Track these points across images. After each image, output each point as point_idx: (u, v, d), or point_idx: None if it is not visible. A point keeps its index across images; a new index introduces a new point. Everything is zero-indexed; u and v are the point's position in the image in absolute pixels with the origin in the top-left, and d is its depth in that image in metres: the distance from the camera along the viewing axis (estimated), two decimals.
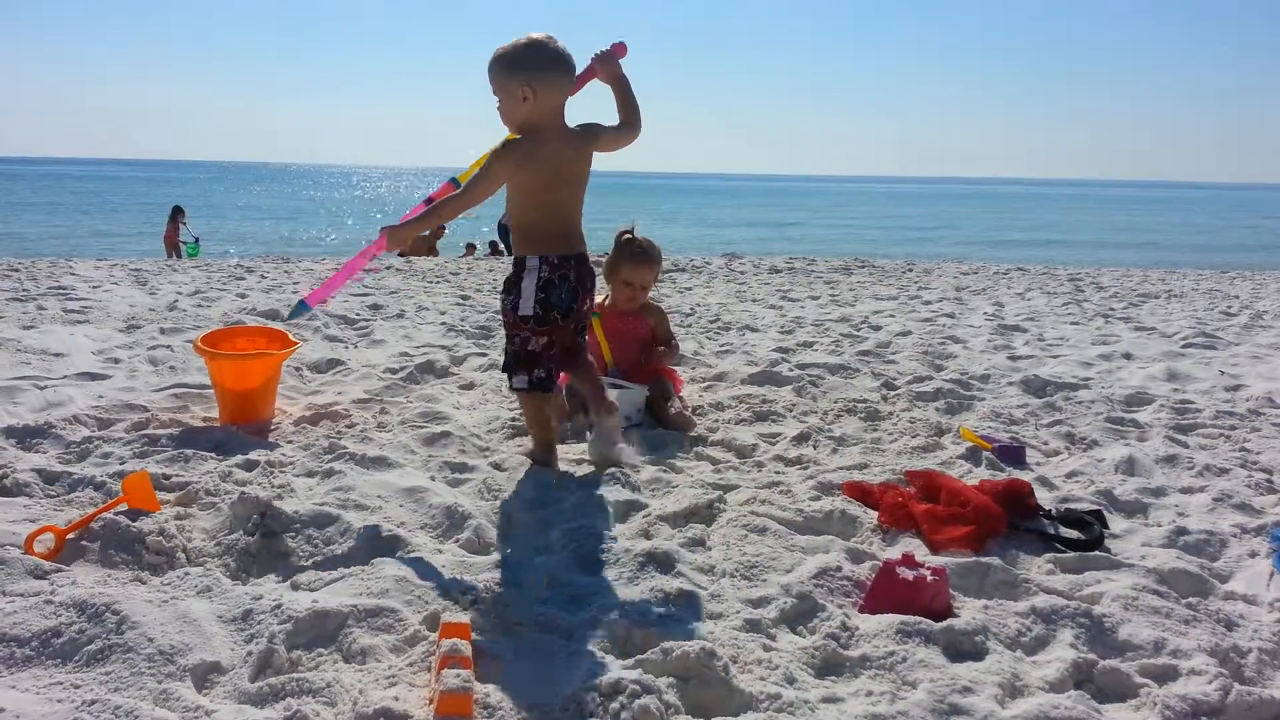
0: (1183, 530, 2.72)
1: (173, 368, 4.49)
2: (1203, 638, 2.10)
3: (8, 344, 4.77)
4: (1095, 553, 2.55)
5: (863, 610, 2.21)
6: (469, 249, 16.87)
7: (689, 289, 8.62)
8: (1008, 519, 2.66)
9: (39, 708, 1.69)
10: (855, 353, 5.37)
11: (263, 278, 8.49)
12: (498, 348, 5.30)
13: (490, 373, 4.62)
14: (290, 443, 3.37)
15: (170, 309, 6.37)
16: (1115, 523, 2.81)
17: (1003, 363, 5.21)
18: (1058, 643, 2.07)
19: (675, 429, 3.63)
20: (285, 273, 8.69)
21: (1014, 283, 9.76)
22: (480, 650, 1.94)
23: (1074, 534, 2.65)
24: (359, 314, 6.36)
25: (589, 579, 2.31)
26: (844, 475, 3.12)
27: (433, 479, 2.98)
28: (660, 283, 8.86)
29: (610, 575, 2.33)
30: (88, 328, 5.48)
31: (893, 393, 4.37)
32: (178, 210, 18.53)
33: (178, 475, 2.93)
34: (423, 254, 14.40)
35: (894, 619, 2.08)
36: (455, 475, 3.05)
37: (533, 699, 1.77)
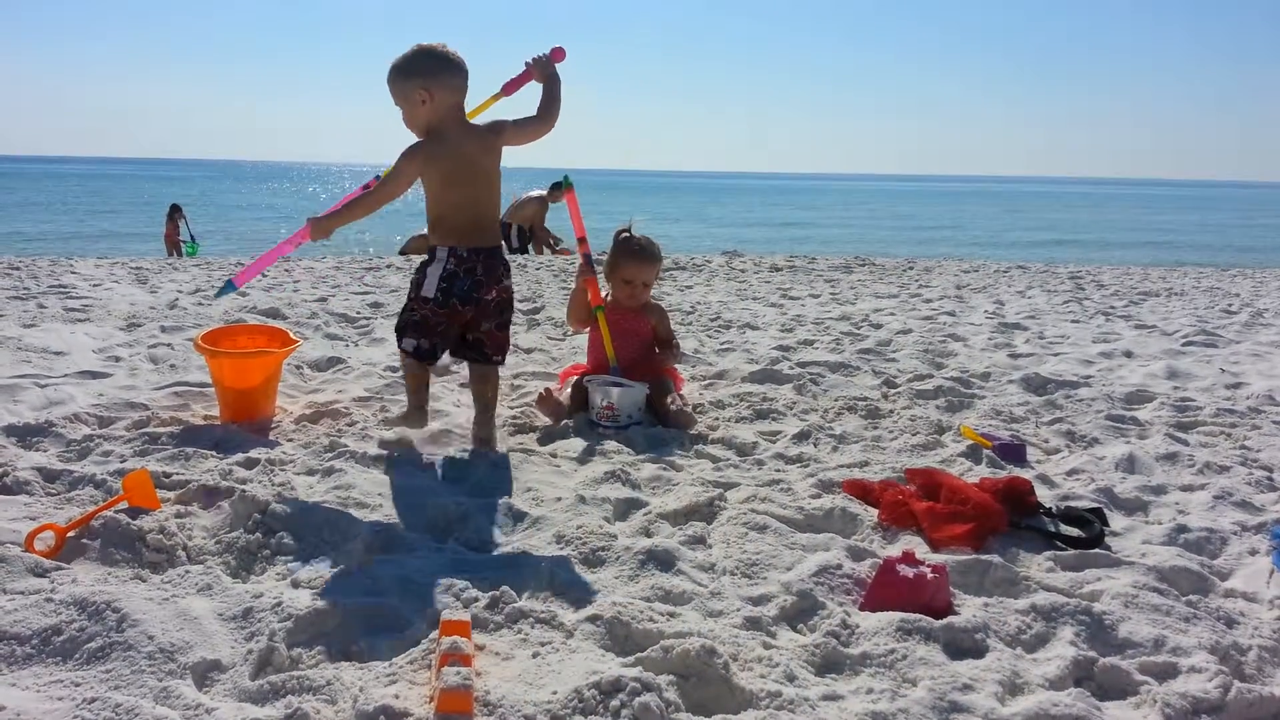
0: (1183, 528, 2.72)
1: (173, 366, 4.49)
2: (1203, 635, 2.10)
3: (8, 342, 4.78)
4: (1095, 550, 2.55)
5: (863, 608, 2.21)
6: None
7: (689, 287, 8.62)
8: (1008, 517, 2.67)
9: (39, 705, 1.69)
10: (856, 351, 5.37)
11: (263, 276, 8.48)
12: None
13: None
14: (291, 441, 3.37)
15: (171, 307, 6.37)
16: (1115, 520, 2.81)
17: (1003, 361, 5.21)
18: (1058, 640, 2.07)
19: (676, 427, 3.63)
20: (286, 271, 8.69)
21: (1015, 281, 9.76)
22: (480, 648, 1.95)
23: (1074, 532, 2.65)
24: (359, 312, 6.36)
25: (590, 576, 2.31)
26: (844, 473, 3.12)
27: (433, 477, 2.98)
28: (661, 280, 8.87)
29: (611, 573, 2.34)
30: (88, 326, 5.48)
31: (893, 391, 4.37)
32: (175, 208, 18.48)
33: (178, 473, 2.93)
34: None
35: (894, 616, 2.08)
36: (455, 473, 3.05)
37: (533, 696, 1.77)
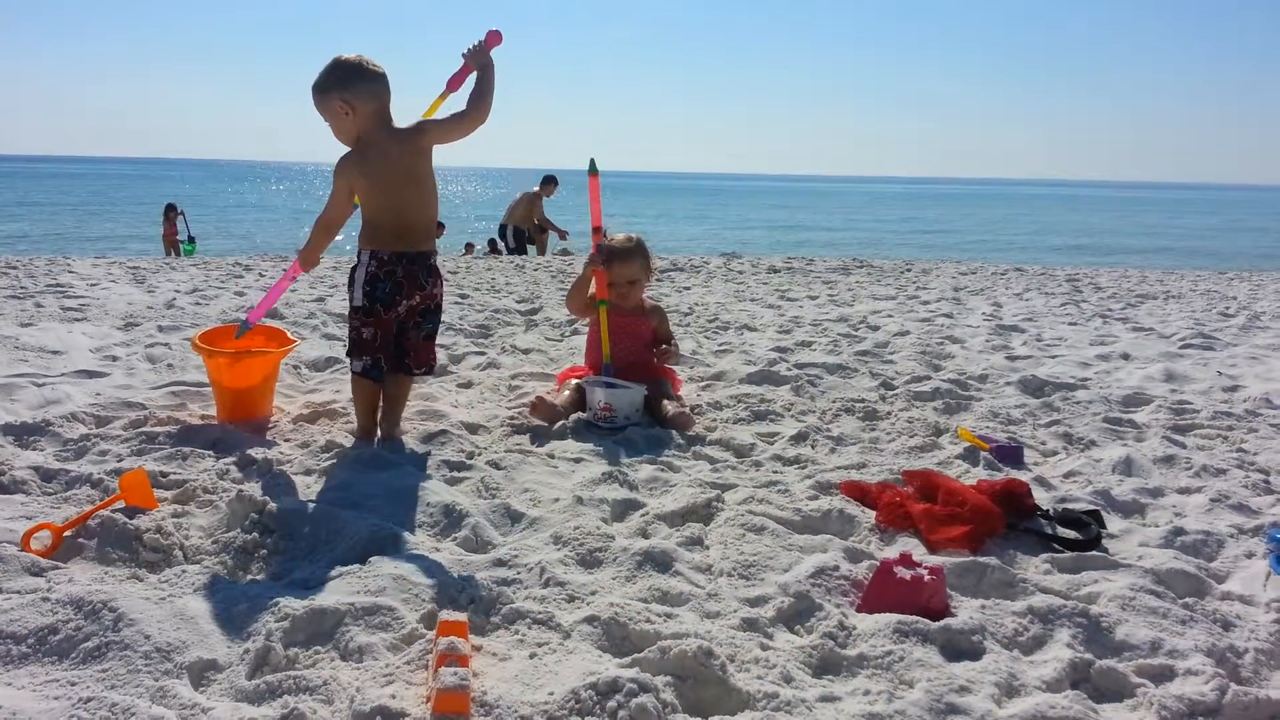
0: (1180, 530, 2.72)
1: (170, 365, 4.49)
2: (1199, 638, 2.10)
3: (5, 341, 4.77)
4: (1092, 553, 2.55)
5: (860, 609, 2.21)
6: (468, 248, 16.85)
7: (687, 288, 8.62)
8: (1005, 519, 2.67)
9: (36, 705, 1.68)
10: (853, 352, 5.37)
11: (260, 276, 8.49)
12: (496, 347, 5.31)
13: (489, 371, 4.63)
14: (288, 440, 3.37)
15: (168, 307, 6.36)
16: (1112, 523, 2.82)
17: (1001, 363, 5.22)
18: (1055, 642, 2.07)
19: (673, 428, 3.63)
20: (283, 271, 8.69)
21: (1012, 283, 9.77)
22: (477, 648, 1.94)
23: (1071, 534, 2.66)
24: None
25: (587, 577, 2.31)
26: (842, 475, 3.12)
27: (430, 477, 2.98)
28: (659, 281, 8.87)
29: (608, 574, 2.33)
30: (86, 325, 5.48)
31: (891, 393, 4.37)
32: (171, 208, 18.44)
33: (175, 473, 2.92)
34: None
35: (891, 618, 2.08)
36: (453, 473, 3.05)
37: (530, 697, 1.77)
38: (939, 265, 12.07)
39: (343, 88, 3.14)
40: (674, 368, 4.51)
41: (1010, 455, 3.40)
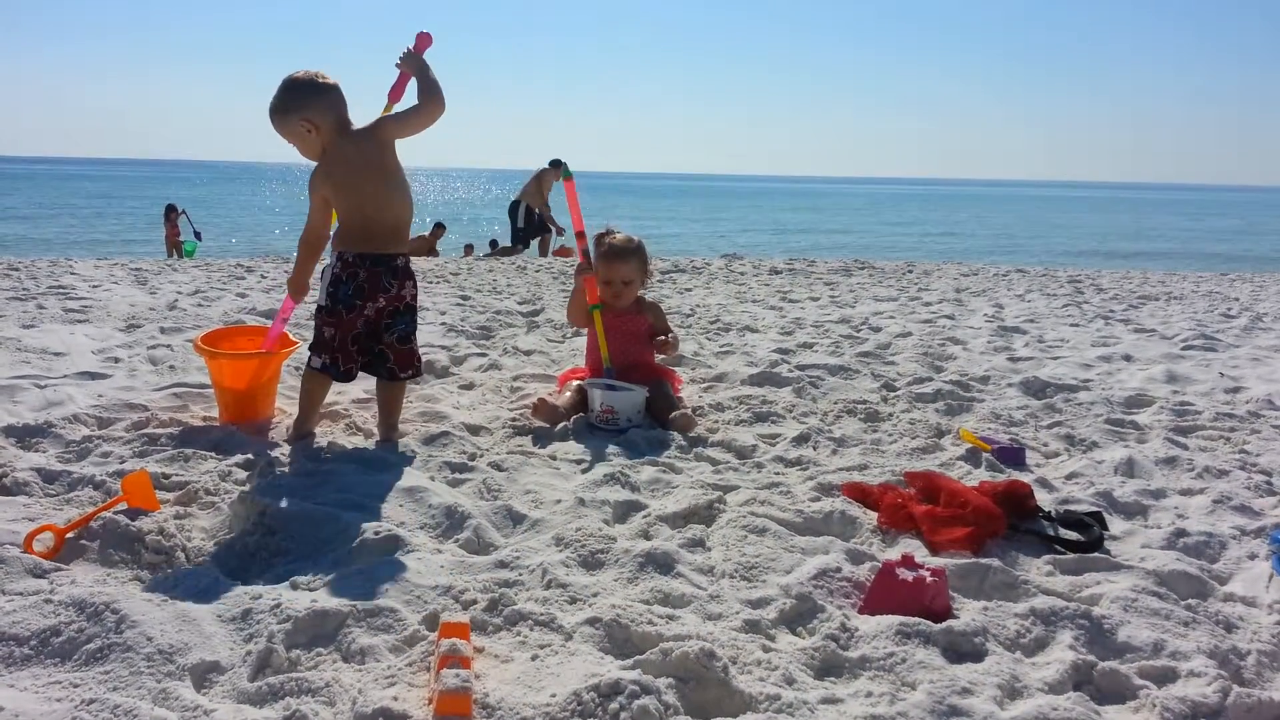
0: (1182, 532, 2.72)
1: (172, 367, 4.49)
2: (1202, 639, 2.10)
3: (8, 343, 4.77)
4: (1095, 554, 2.55)
5: (862, 611, 2.20)
6: (467, 250, 16.85)
7: (689, 290, 8.62)
8: (1007, 520, 2.66)
9: (38, 707, 1.69)
10: (855, 354, 5.37)
11: (263, 277, 8.49)
12: (498, 348, 5.31)
13: (490, 373, 4.63)
14: (289, 442, 3.37)
15: (170, 308, 6.37)
16: (1115, 524, 2.81)
17: (1002, 364, 5.21)
18: (1057, 644, 2.07)
19: (675, 429, 3.63)
20: (285, 272, 8.68)
21: (1014, 284, 9.77)
22: (479, 650, 1.94)
23: (1073, 535, 2.65)
24: None
25: (588, 579, 2.31)
26: (844, 476, 3.12)
27: (432, 479, 2.98)
28: (660, 282, 8.87)
29: (610, 575, 2.33)
30: (88, 327, 5.48)
31: (892, 394, 4.37)
32: (171, 209, 18.43)
33: (177, 474, 2.93)
34: (423, 254, 14.40)
35: (893, 620, 2.08)
36: (454, 475, 3.05)
37: (532, 699, 1.77)
38: (940, 267, 12.07)
39: (302, 107, 3.15)
40: (675, 369, 4.51)
41: (1012, 456, 3.40)
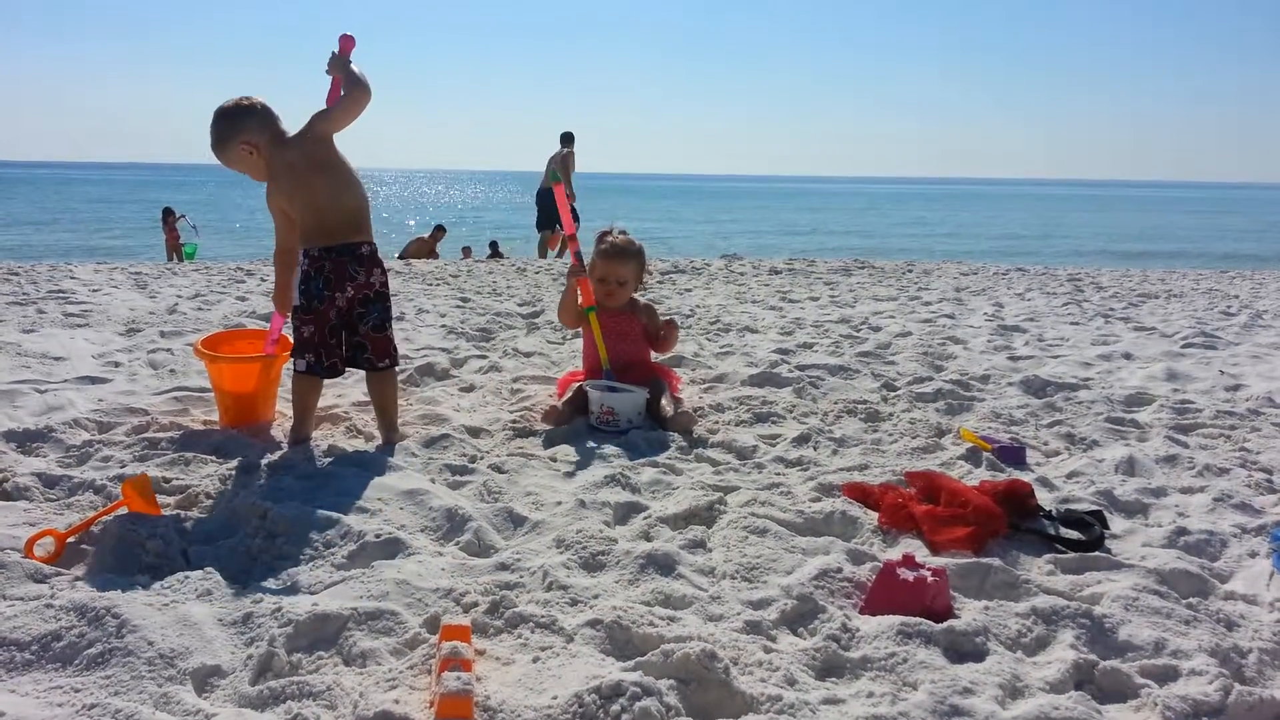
0: (1183, 530, 2.72)
1: (173, 371, 4.49)
2: (1203, 638, 2.10)
3: (8, 348, 4.78)
4: (1095, 553, 2.55)
5: (863, 611, 2.20)
6: (465, 252, 16.84)
7: (689, 290, 8.62)
8: (1008, 520, 2.66)
9: (39, 712, 1.68)
10: (855, 354, 5.37)
11: (263, 280, 8.49)
12: (498, 350, 5.31)
13: (490, 375, 4.63)
14: (289, 446, 3.37)
15: (170, 312, 6.37)
16: (1115, 523, 2.81)
17: (1003, 363, 5.21)
18: (1058, 643, 2.07)
19: (676, 430, 3.63)
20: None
21: (1014, 283, 9.76)
22: (480, 652, 1.94)
23: (1074, 534, 2.65)
24: None
25: (590, 581, 2.31)
26: (844, 476, 3.12)
27: (433, 481, 2.98)
28: (660, 283, 8.87)
29: (611, 577, 2.33)
30: (88, 331, 5.48)
31: (893, 394, 4.37)
32: (168, 212, 18.40)
33: (178, 478, 2.93)
34: (423, 257, 14.40)
35: (894, 620, 2.08)
36: (455, 478, 3.05)
37: (533, 701, 1.77)
38: (940, 266, 12.07)
39: (239, 131, 3.21)
40: (675, 369, 4.51)
41: (1013, 456, 3.40)
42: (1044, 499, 2.92)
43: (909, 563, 2.23)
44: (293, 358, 3.38)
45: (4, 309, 6.15)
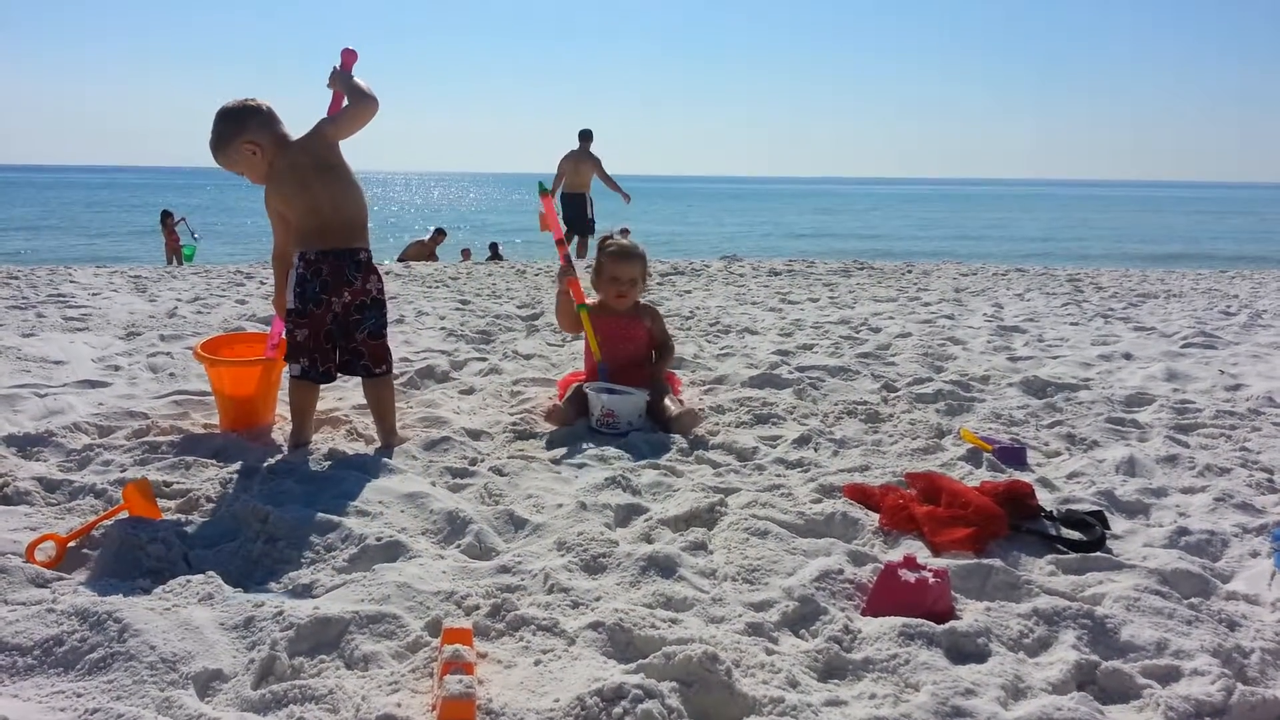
0: (1184, 530, 2.72)
1: (173, 375, 4.49)
2: (1205, 638, 2.10)
3: (7, 352, 4.77)
4: (1097, 554, 2.55)
5: (865, 613, 2.20)
6: (464, 254, 16.85)
7: (688, 292, 8.62)
8: (1009, 520, 2.66)
9: (41, 717, 1.68)
10: (855, 355, 5.37)
11: (262, 284, 8.49)
12: (498, 352, 5.31)
13: (490, 378, 4.63)
14: (289, 450, 3.37)
15: (170, 316, 6.37)
16: (1116, 523, 2.81)
17: (1003, 364, 5.21)
18: (1060, 644, 2.07)
19: (676, 432, 3.63)
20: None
21: (1013, 284, 9.77)
22: (482, 655, 1.94)
23: (1075, 535, 2.65)
24: None
25: (591, 583, 2.31)
26: (845, 478, 3.12)
27: (433, 484, 2.98)
28: (660, 285, 8.87)
29: (612, 579, 2.33)
30: (87, 335, 5.48)
31: (893, 395, 4.37)
32: (167, 215, 18.38)
33: (179, 482, 2.93)
34: (423, 259, 14.39)
35: (896, 621, 2.08)
36: (456, 480, 3.05)
37: (535, 704, 1.77)
38: (940, 266, 12.07)
39: (242, 131, 3.20)
40: (675, 371, 4.51)
41: (1013, 456, 3.40)
42: (1045, 499, 2.92)
43: (910, 564, 2.23)
44: (287, 362, 3.38)
45: (4, 313, 6.15)
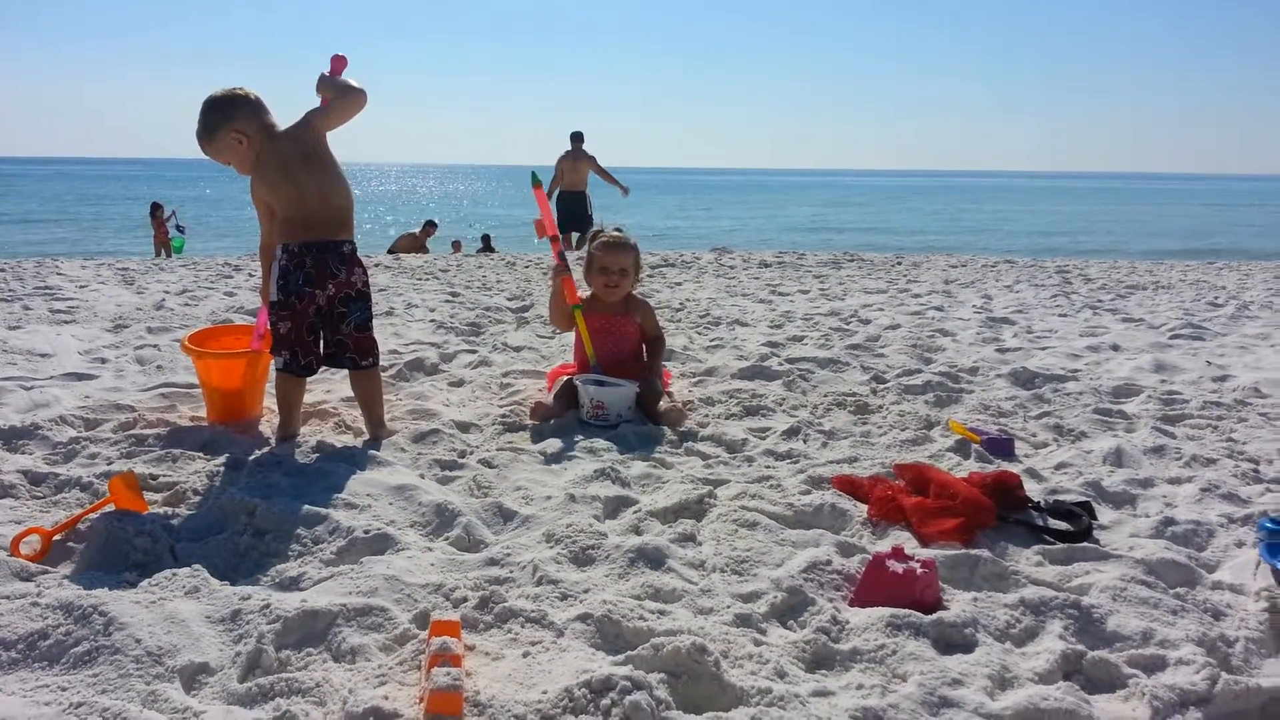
0: (1170, 520, 2.73)
1: (160, 367, 4.47)
2: (1190, 627, 2.11)
3: None
4: (1084, 544, 2.56)
5: (853, 604, 2.21)
6: (455, 246, 16.80)
7: (679, 284, 8.61)
8: (997, 511, 2.67)
9: (26, 711, 1.67)
10: (845, 346, 5.37)
11: (250, 276, 8.45)
12: (487, 345, 5.30)
13: (480, 370, 4.62)
14: (277, 442, 3.36)
15: (157, 308, 6.34)
16: (1103, 514, 2.83)
17: (991, 355, 5.23)
18: (1047, 634, 2.08)
19: (666, 424, 3.63)
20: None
21: (1002, 275, 9.79)
22: (470, 648, 1.94)
23: (1062, 525, 2.66)
24: None
25: (579, 575, 2.31)
26: (834, 469, 3.12)
27: (422, 476, 2.97)
28: (650, 277, 8.87)
29: (601, 571, 2.33)
30: (74, 328, 5.45)
31: (882, 386, 4.38)
32: (156, 207, 18.27)
33: (165, 475, 2.91)
34: (413, 251, 14.35)
35: (884, 612, 2.09)
36: (445, 473, 3.04)
37: (523, 696, 1.77)
38: (929, 258, 12.09)
39: (230, 119, 3.18)
40: (665, 363, 4.51)
41: (1001, 447, 3.41)
42: (1032, 490, 2.93)
43: (898, 555, 2.24)
44: (271, 354, 3.37)
45: None
